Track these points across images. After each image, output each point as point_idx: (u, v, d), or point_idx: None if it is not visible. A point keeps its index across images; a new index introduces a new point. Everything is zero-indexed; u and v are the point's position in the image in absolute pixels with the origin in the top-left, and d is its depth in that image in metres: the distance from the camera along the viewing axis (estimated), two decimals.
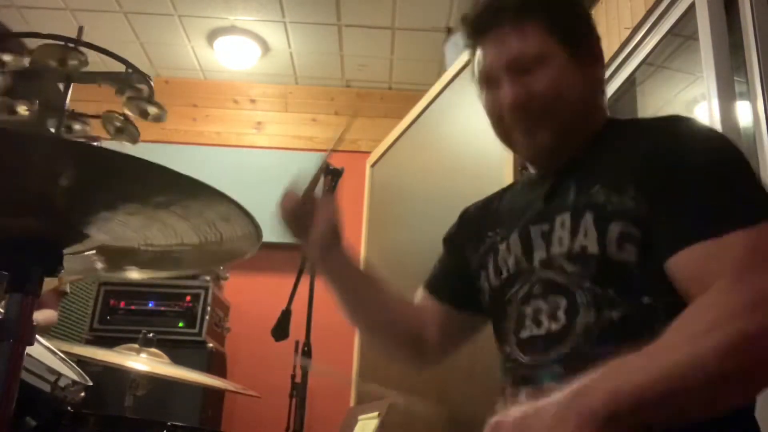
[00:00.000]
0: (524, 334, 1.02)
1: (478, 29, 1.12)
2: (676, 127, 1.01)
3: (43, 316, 2.64)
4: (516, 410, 0.76)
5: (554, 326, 0.98)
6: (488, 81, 1.10)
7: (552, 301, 1.00)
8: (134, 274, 1.04)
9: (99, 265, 0.91)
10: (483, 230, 1.18)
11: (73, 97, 1.06)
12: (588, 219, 0.97)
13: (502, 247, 1.11)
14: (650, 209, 0.92)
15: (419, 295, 1.31)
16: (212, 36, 3.92)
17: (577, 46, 1.09)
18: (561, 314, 0.98)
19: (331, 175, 2.47)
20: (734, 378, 0.74)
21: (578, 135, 1.09)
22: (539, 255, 1.03)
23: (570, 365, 0.93)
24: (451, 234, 1.32)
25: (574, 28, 1.11)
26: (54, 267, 0.80)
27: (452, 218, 1.32)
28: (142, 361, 2.06)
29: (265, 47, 3.99)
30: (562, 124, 1.06)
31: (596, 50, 1.14)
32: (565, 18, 1.10)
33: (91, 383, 1.50)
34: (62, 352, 1.56)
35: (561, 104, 1.06)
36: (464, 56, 2.22)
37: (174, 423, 1.46)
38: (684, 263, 0.86)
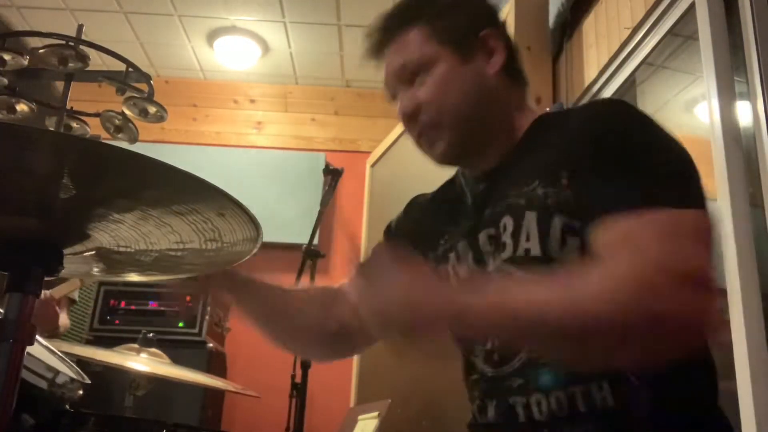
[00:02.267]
0: (488, 345, 1.00)
1: (375, 51, 1.11)
2: (603, 109, 1.00)
3: (63, 321, 2.64)
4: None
5: None
6: (393, 97, 1.10)
7: None
8: (134, 277, 1.04)
9: (99, 268, 0.91)
10: (436, 232, 1.14)
11: (73, 96, 1.06)
12: (529, 218, 0.94)
13: (452, 255, 1.08)
14: (581, 192, 0.90)
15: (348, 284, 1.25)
16: (212, 36, 3.92)
17: (462, 43, 1.06)
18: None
19: (331, 175, 2.47)
20: (608, 329, 0.76)
21: (488, 132, 1.06)
22: (490, 261, 1.01)
23: (528, 374, 0.93)
24: (396, 224, 1.27)
25: (457, 25, 1.08)
26: (54, 267, 0.80)
27: None
28: (142, 361, 2.05)
29: (265, 47, 3.99)
30: (456, 128, 1.04)
31: (490, 43, 1.08)
32: (445, 19, 1.08)
33: (89, 381, 1.50)
34: (62, 352, 1.56)
35: (449, 107, 1.04)
36: None
37: (174, 423, 1.46)
38: (602, 233, 0.84)
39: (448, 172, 1.23)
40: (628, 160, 0.88)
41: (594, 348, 0.79)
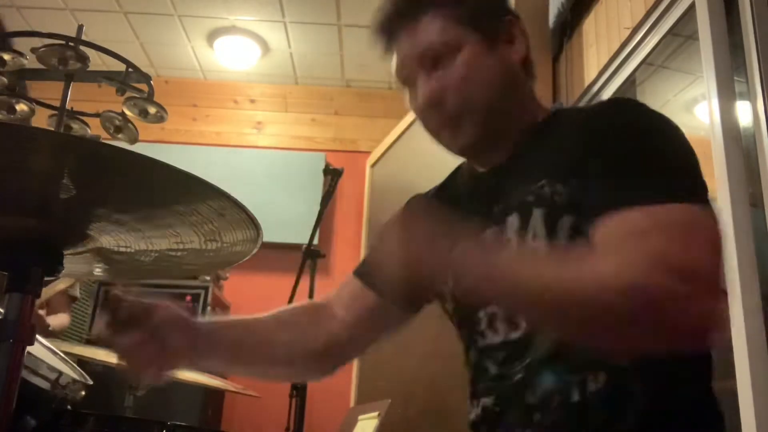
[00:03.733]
0: (494, 339, 0.99)
1: (388, 34, 1.06)
2: (613, 108, 0.98)
3: (58, 320, 2.64)
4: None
5: (514, 334, 0.96)
6: (407, 82, 1.06)
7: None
8: (134, 278, 1.04)
9: (99, 268, 0.91)
10: None
11: (73, 96, 1.06)
12: (537, 216, 0.93)
13: None
14: (589, 191, 0.88)
15: (344, 286, 1.20)
16: (212, 36, 3.92)
17: (488, 28, 1.03)
18: (521, 320, 0.95)
19: (331, 175, 2.47)
20: (610, 313, 0.76)
21: (508, 124, 1.04)
22: None
23: (533, 371, 0.92)
24: None
25: (481, 9, 1.05)
26: (54, 267, 0.80)
27: None
28: None
29: (265, 47, 3.99)
30: (484, 114, 1.01)
31: (513, 30, 1.06)
32: (469, 2, 1.04)
33: (91, 382, 1.50)
34: (62, 352, 1.56)
35: (478, 91, 1.00)
36: None
37: (174, 423, 1.46)
38: (606, 225, 0.83)
39: (448, 172, 1.21)
40: (636, 158, 0.87)
41: (591, 332, 0.80)
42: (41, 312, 2.55)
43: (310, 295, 2.29)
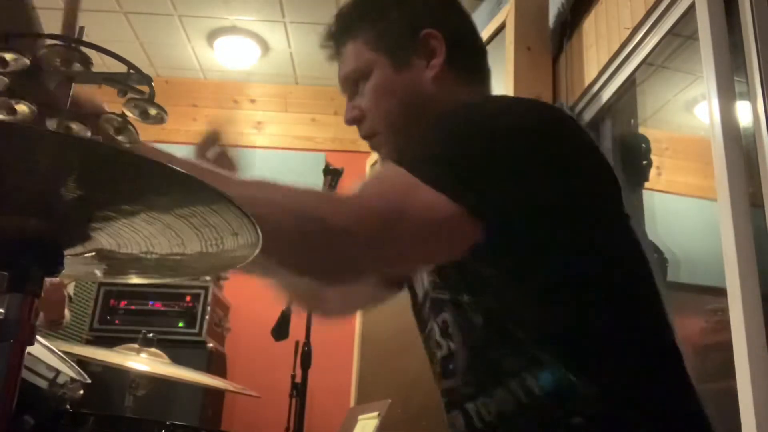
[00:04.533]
0: (437, 361, 1.02)
1: (331, 61, 1.15)
2: (463, 103, 0.99)
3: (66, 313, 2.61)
4: None
5: (440, 353, 1.00)
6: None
7: (432, 327, 1.01)
8: (135, 279, 1.04)
9: (100, 269, 0.91)
10: None
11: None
12: None
13: None
14: None
15: None
16: (212, 36, 3.92)
17: (396, 49, 1.05)
18: (440, 338, 0.99)
19: (331, 175, 2.47)
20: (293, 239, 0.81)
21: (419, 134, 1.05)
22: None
23: (470, 381, 0.94)
24: None
25: (391, 31, 1.07)
26: (54, 267, 0.80)
27: None
28: (142, 361, 2.06)
29: (265, 47, 3.99)
30: (390, 135, 1.06)
31: (430, 45, 1.06)
32: (379, 25, 1.07)
33: (89, 381, 1.51)
34: (62, 352, 1.56)
35: (382, 116, 1.05)
36: None
37: (174, 423, 1.46)
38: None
39: None
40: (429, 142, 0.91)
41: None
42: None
43: None
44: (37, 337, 0.86)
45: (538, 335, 0.87)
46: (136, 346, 2.12)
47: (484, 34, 2.57)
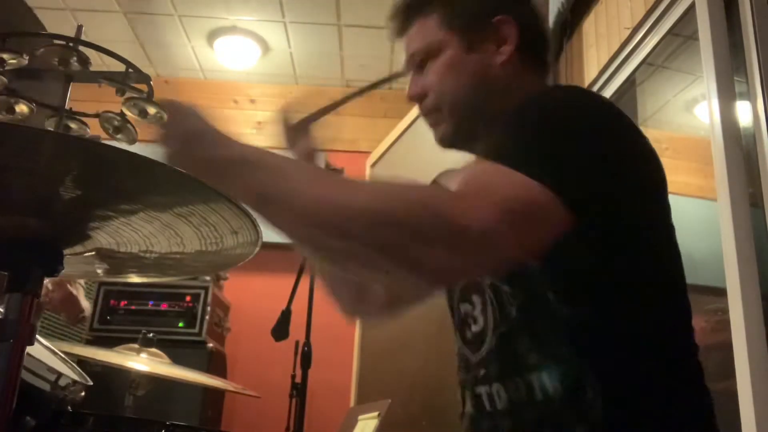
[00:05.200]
0: (467, 333, 1.02)
1: (394, 34, 1.15)
2: (541, 92, 1.00)
3: (84, 303, 2.58)
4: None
5: (475, 327, 1.00)
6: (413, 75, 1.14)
7: (474, 301, 1.01)
8: (135, 278, 1.04)
9: (100, 269, 0.91)
10: None
11: (72, 96, 1.06)
12: None
13: None
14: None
15: None
16: (212, 36, 3.92)
17: (470, 31, 1.07)
18: (478, 314, 0.99)
19: None
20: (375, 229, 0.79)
21: (482, 118, 1.05)
22: None
23: (492, 365, 0.95)
24: None
25: (466, 13, 1.09)
26: (54, 267, 0.80)
27: None
28: (142, 361, 2.06)
29: (265, 47, 3.99)
30: (453, 115, 1.07)
31: (502, 32, 1.07)
32: (456, 5, 1.09)
33: (91, 383, 1.50)
34: (62, 352, 1.56)
35: (447, 94, 1.06)
36: None
37: (174, 423, 1.46)
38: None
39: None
40: (516, 131, 0.90)
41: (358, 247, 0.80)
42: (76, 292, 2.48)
43: (310, 295, 2.30)
44: (39, 338, 0.86)
45: (572, 337, 0.87)
46: (136, 346, 2.12)
47: None
